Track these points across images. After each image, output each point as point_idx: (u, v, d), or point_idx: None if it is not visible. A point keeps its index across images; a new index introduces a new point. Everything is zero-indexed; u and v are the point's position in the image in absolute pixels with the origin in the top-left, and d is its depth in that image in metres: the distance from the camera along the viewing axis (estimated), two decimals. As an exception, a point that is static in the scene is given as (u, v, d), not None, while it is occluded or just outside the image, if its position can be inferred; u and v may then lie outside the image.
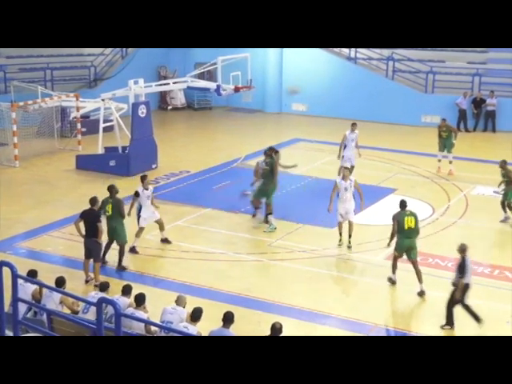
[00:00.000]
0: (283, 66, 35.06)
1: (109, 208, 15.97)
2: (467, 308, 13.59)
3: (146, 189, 17.22)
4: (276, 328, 10.42)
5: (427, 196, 21.42)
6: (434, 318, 14.13)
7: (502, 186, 19.43)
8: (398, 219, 15.06)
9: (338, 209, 17.44)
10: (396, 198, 19.84)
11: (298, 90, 19.62)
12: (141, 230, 17.18)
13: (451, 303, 13.58)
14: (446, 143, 23.96)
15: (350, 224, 17.49)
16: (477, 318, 13.54)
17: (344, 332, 13.38)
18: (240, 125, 32.69)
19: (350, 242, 17.48)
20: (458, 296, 13.42)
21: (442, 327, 13.61)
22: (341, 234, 17.53)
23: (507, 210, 19.21)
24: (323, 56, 33.78)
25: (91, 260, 15.49)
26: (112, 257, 16.23)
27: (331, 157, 24.99)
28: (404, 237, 15.09)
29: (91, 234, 15.33)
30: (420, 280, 15.01)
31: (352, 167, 21.36)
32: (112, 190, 16.22)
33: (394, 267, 15.44)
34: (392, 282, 15.50)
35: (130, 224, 16.81)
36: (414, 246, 15.09)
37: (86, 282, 15.41)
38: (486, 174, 23.53)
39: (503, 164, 19.72)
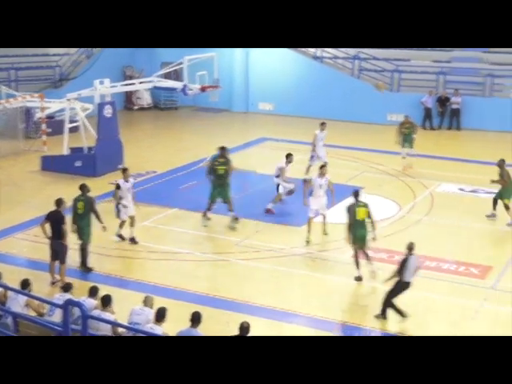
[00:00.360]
0: (249, 65, 35.09)
1: (81, 206, 15.91)
2: (393, 306, 13.78)
3: (127, 181, 17.48)
4: (244, 327, 10.42)
5: (393, 194, 21.58)
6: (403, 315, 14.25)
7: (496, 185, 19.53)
8: (350, 210, 15.37)
9: (311, 205, 17.69)
10: (363, 197, 20.00)
11: (384, 87, 19.85)
12: (123, 222, 17.52)
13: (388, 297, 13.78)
14: (406, 139, 24.42)
15: (324, 217, 17.93)
16: (401, 314, 13.82)
17: (312, 330, 13.42)
18: (207, 124, 32.64)
19: (325, 230, 18.07)
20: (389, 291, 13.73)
21: (377, 316, 13.88)
22: (309, 232, 17.63)
23: (496, 208, 19.41)
24: (289, 55, 33.86)
25: (57, 262, 15.35)
26: (94, 262, 16.12)
27: (299, 156, 25.04)
28: (358, 227, 15.41)
29: (57, 235, 15.22)
30: (371, 262, 15.46)
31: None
32: (84, 188, 16.19)
33: (357, 263, 15.59)
34: (359, 279, 15.59)
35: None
36: (366, 236, 15.48)
37: (52, 283, 15.28)
38: (451, 172, 23.78)
39: (501, 163, 19.59)
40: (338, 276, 16.05)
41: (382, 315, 13.91)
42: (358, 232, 15.43)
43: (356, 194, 15.73)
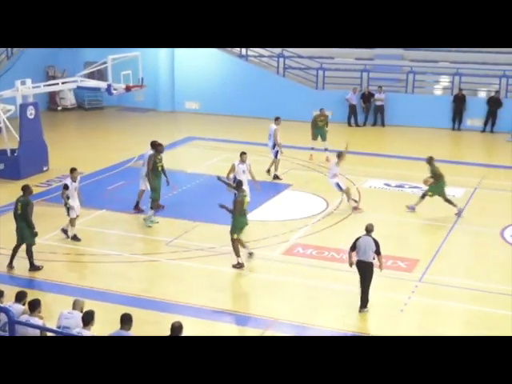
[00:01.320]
0: (175, 64, 34.91)
1: (19, 207, 15.81)
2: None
3: (74, 181, 17.71)
4: (175, 327, 10.34)
5: (321, 190, 21.77)
6: (334, 309, 14.41)
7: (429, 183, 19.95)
8: (239, 200, 15.95)
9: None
10: (291, 194, 20.19)
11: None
12: (72, 220, 17.67)
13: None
14: (320, 132, 25.60)
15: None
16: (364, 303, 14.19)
17: (243, 328, 13.46)
18: (133, 124, 32.34)
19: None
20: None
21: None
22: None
23: (420, 202, 19.94)
24: (215, 54, 33.81)
25: None
26: (22, 266, 15.78)
27: (226, 154, 25.11)
28: (242, 216, 16.11)
29: None
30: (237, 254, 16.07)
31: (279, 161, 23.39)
32: (25, 189, 16.10)
33: (237, 251, 16.12)
34: (240, 266, 16.09)
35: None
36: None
37: None
38: (376, 168, 24.17)
39: (430, 160, 20.01)
40: (269, 273, 16.11)
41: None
42: (242, 220, 16.17)
43: (239, 184, 16.43)
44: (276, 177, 23.13)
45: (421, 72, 32.51)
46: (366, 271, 14.09)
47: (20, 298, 11.85)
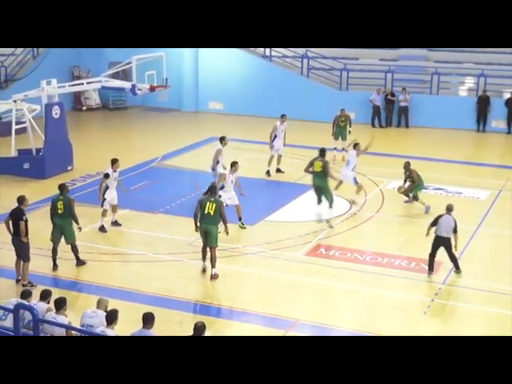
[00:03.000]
0: (199, 64, 34.99)
1: (61, 205, 16.09)
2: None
3: (115, 171, 18.47)
4: (198, 327, 10.36)
5: (344, 191, 21.69)
6: (355, 312, 14.37)
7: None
8: (201, 203, 15.80)
9: (223, 195, 18.29)
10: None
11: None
12: (105, 211, 18.44)
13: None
14: (341, 132, 25.88)
15: (238, 208, 18.74)
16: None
17: (265, 329, 13.45)
18: (156, 124, 32.46)
19: (242, 223, 18.73)
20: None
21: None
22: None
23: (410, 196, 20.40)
24: (239, 54, 33.87)
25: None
26: (46, 265, 15.88)
27: (249, 154, 25.14)
28: (202, 219, 15.75)
29: (16, 232, 15.25)
30: (213, 265, 15.70)
31: (280, 156, 23.63)
32: (63, 188, 16.40)
33: (203, 253, 16.06)
34: (203, 271, 16.08)
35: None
36: (210, 231, 15.65)
37: (17, 281, 15.18)
38: (400, 169, 23.99)
39: (407, 165, 20.45)
40: (291, 274, 16.09)
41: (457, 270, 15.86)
42: (201, 226, 15.76)
43: (211, 189, 16.24)
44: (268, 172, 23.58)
45: (445, 73, 32.33)
46: (445, 245, 15.60)
47: (44, 296, 11.95)
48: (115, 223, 18.80)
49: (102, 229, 18.43)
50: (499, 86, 31.50)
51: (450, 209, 15.88)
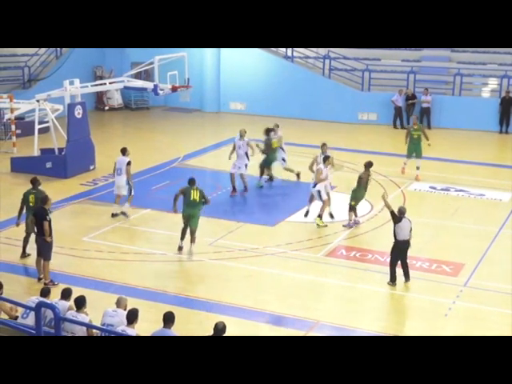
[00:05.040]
0: (221, 64, 35.05)
1: (32, 199, 16.27)
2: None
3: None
4: (219, 328, 10.38)
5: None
6: (375, 313, 14.33)
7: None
8: (184, 192, 17.09)
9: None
10: (335, 196, 20.10)
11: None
12: (131, 198, 19.41)
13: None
14: (416, 148, 23.25)
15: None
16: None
17: (285, 330, 13.44)
18: (178, 124, 32.53)
19: (319, 220, 18.92)
20: None
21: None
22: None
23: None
24: (260, 55, 33.87)
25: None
26: (67, 264, 16.01)
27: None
28: (186, 206, 17.02)
29: (39, 231, 15.34)
30: (193, 241, 17.18)
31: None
32: (35, 182, 16.72)
33: (182, 234, 17.19)
34: (180, 248, 17.15)
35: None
36: (194, 215, 17.06)
37: (39, 279, 15.33)
38: (422, 170, 23.90)
39: (368, 165, 19.14)
40: (312, 275, 16.08)
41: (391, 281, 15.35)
42: (185, 210, 17.08)
43: (191, 181, 17.23)
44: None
45: (468, 74, 32.13)
46: (407, 248, 15.30)
47: (66, 294, 12.03)
48: (123, 213, 19.41)
49: (124, 214, 19.30)
50: (523, 88, 31.27)
51: (403, 212, 15.53)
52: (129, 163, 19.46)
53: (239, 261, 16.68)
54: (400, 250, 15.25)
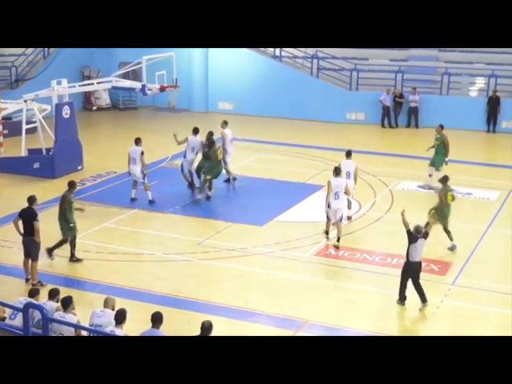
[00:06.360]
0: (209, 64, 35.02)
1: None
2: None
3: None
4: (205, 326, 10.37)
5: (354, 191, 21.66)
6: (364, 312, 14.35)
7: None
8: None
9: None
10: (324, 195, 20.10)
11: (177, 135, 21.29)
12: (148, 185, 20.42)
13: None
14: (435, 158, 22.17)
15: (338, 228, 17.77)
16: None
17: (275, 329, 13.44)
18: (166, 124, 32.45)
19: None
20: None
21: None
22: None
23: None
24: (249, 54, 33.86)
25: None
26: (55, 264, 15.97)
27: (259, 155, 25.12)
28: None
29: (28, 232, 15.22)
30: None
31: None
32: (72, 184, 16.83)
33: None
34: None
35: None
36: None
37: (27, 280, 15.26)
38: (409, 169, 24.00)
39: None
40: (300, 274, 16.09)
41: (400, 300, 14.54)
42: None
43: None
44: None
45: (456, 73, 32.24)
46: (420, 270, 14.56)
47: (53, 295, 11.98)
48: (151, 201, 20.53)
49: (152, 202, 20.43)
50: (509, 87, 31.39)
51: (420, 231, 14.49)
52: (142, 153, 20.35)
53: (228, 261, 16.67)
54: (412, 272, 14.37)
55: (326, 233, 17.95)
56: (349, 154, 19.63)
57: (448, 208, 17.44)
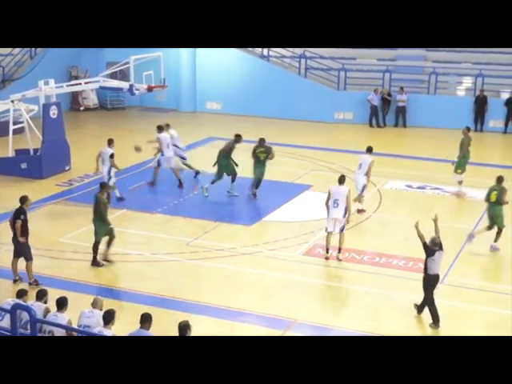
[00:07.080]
0: (197, 64, 34.97)
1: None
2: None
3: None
4: (180, 326, 10.33)
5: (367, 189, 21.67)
6: (353, 311, 14.37)
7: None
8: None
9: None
10: (312, 195, 20.15)
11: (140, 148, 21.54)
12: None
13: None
14: (459, 162, 22.12)
15: (341, 237, 17.07)
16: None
17: (263, 329, 13.44)
18: (154, 124, 32.13)
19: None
20: None
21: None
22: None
23: None
24: (237, 54, 33.84)
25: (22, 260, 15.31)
26: (43, 265, 15.89)
27: (247, 154, 25.06)
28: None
29: (15, 232, 15.30)
30: None
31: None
32: (104, 186, 17.09)
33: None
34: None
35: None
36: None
37: (14, 281, 15.18)
38: (397, 169, 24.06)
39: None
40: (289, 274, 16.09)
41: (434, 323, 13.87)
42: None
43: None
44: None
45: (443, 73, 32.35)
46: (437, 283, 14.08)
47: (41, 296, 11.92)
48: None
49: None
50: (496, 86, 31.53)
51: (437, 243, 14.12)
52: (112, 155, 20.18)
53: (216, 261, 16.66)
54: (432, 286, 13.91)
55: (327, 251, 16.86)
56: (369, 150, 19.93)
57: (498, 207, 17.65)
